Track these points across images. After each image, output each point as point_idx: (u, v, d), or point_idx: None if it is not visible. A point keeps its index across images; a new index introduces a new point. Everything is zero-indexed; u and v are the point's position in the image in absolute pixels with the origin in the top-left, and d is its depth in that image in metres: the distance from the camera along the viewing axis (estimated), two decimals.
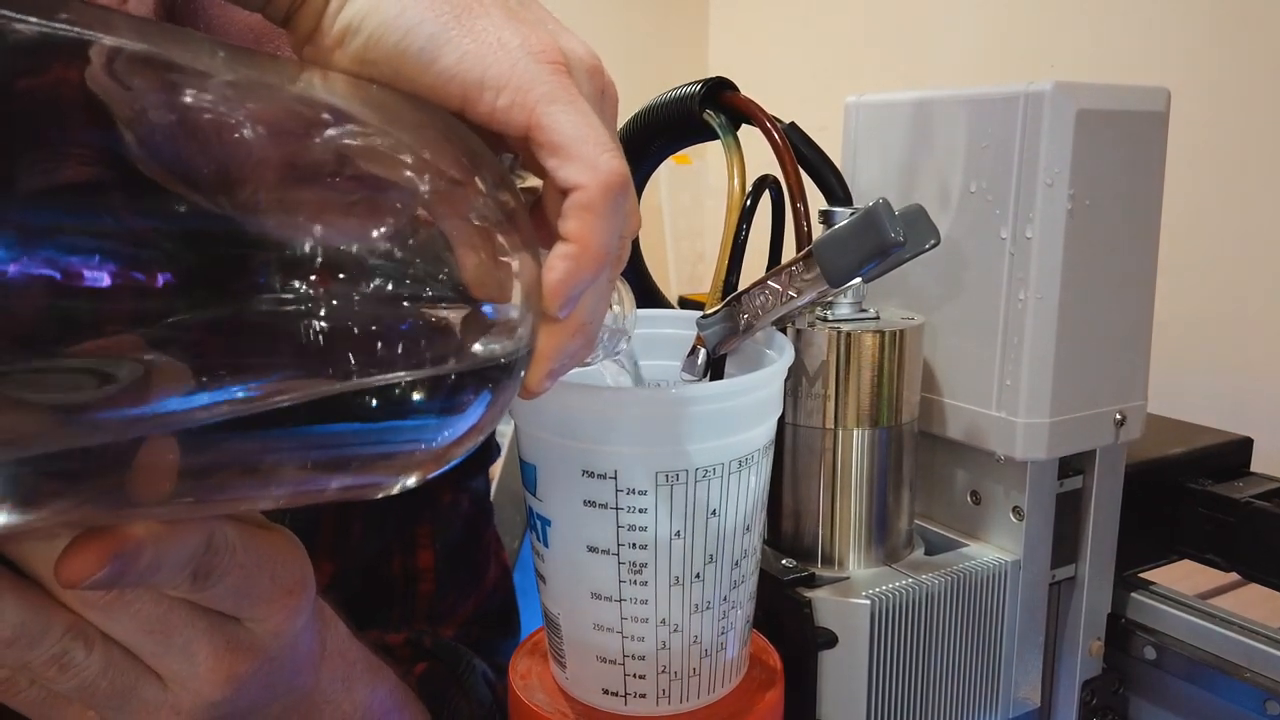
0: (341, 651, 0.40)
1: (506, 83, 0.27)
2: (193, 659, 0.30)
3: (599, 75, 0.31)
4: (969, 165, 0.50)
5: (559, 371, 0.30)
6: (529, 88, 0.27)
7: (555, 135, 0.27)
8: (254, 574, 0.30)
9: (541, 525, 0.40)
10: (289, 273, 0.24)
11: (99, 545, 0.25)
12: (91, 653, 0.28)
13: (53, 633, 0.27)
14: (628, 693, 0.40)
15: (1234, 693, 0.53)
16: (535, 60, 0.28)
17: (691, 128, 0.51)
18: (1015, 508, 0.51)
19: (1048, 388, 0.48)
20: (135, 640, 0.29)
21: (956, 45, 1.86)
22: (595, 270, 0.28)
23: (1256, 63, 1.38)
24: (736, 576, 0.40)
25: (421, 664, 0.54)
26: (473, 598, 0.61)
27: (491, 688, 0.57)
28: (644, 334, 0.47)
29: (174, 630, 0.29)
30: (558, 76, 0.28)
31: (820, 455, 0.49)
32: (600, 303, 0.30)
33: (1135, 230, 0.50)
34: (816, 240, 0.39)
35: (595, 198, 0.27)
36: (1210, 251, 1.42)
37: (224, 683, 0.31)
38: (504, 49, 0.27)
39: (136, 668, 0.30)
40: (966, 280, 0.51)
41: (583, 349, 0.30)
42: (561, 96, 0.28)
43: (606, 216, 0.28)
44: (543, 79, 0.28)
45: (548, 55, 0.28)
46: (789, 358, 0.41)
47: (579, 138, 0.27)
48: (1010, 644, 0.52)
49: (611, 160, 0.28)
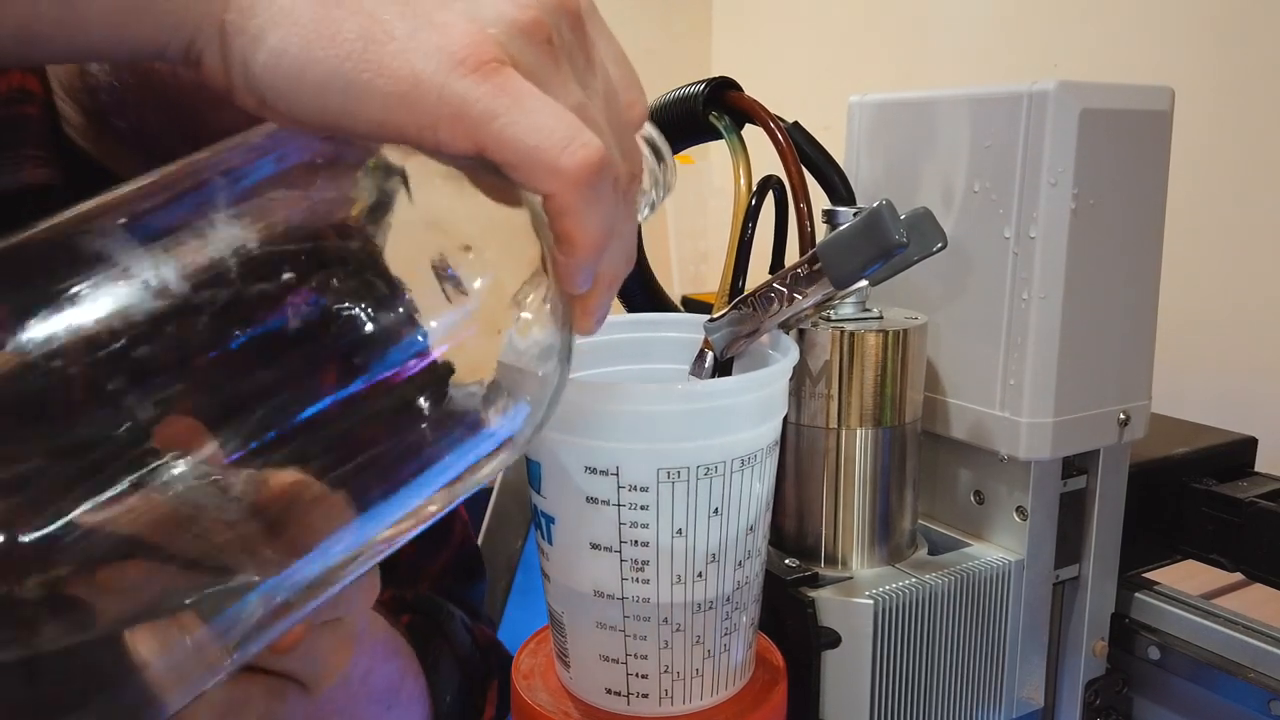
0: None
1: (437, 117, 0.25)
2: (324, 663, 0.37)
3: (538, 28, 0.27)
4: (972, 165, 0.50)
5: (605, 313, 0.31)
6: (460, 114, 0.25)
7: (506, 154, 0.26)
8: (355, 584, 0.31)
9: (546, 522, 0.40)
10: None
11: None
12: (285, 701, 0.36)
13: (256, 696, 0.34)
14: (630, 692, 0.40)
15: (1238, 693, 0.53)
16: (459, 76, 0.25)
17: (695, 128, 0.51)
18: (1019, 507, 0.51)
19: (1051, 387, 0.48)
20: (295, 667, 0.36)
21: (959, 45, 1.86)
22: (595, 255, 0.28)
23: (1261, 62, 1.37)
24: (740, 577, 0.40)
25: (406, 616, 0.59)
26: (442, 554, 0.66)
27: (470, 631, 0.62)
28: (649, 337, 0.47)
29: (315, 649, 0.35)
30: (488, 82, 0.25)
31: (823, 455, 0.49)
32: (622, 259, 0.30)
33: (1139, 230, 0.50)
34: (820, 243, 0.39)
35: (570, 200, 0.26)
36: (1214, 251, 1.42)
37: (341, 670, 0.38)
38: (421, 81, 0.25)
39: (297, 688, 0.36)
40: (970, 280, 0.51)
41: (619, 282, 0.31)
42: (498, 109, 0.25)
43: (588, 209, 0.27)
44: (472, 97, 0.25)
45: (470, 61, 0.25)
46: (793, 357, 0.41)
47: (531, 148, 0.25)
48: (1014, 644, 0.52)
49: (575, 155, 0.26)
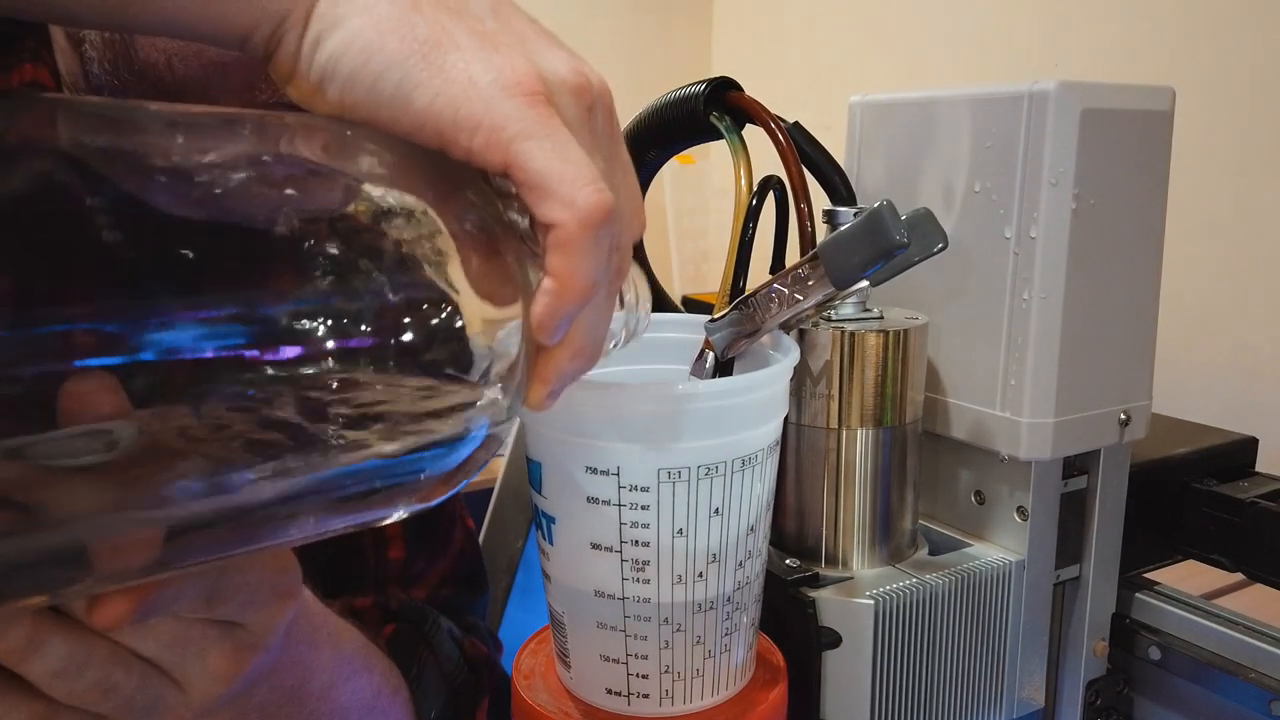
0: (308, 616, 0.43)
1: (479, 123, 0.27)
2: (205, 663, 0.33)
3: (584, 94, 0.29)
4: (973, 165, 0.50)
5: (559, 389, 0.30)
6: (502, 126, 0.27)
7: (530, 174, 0.27)
8: (257, 587, 0.33)
9: (547, 523, 0.40)
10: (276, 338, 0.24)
11: (127, 593, 0.27)
12: (129, 674, 0.31)
13: (95, 660, 0.30)
14: (631, 692, 0.40)
15: (1239, 693, 0.53)
16: (508, 95, 0.27)
17: (696, 128, 0.51)
18: (1020, 508, 0.51)
19: (1052, 387, 0.48)
20: (159, 655, 0.32)
21: (960, 45, 1.86)
22: (579, 302, 0.28)
23: (1262, 62, 1.37)
24: (741, 578, 0.40)
25: (390, 625, 0.57)
26: (441, 561, 0.64)
27: (458, 644, 0.60)
28: (650, 338, 0.47)
29: (190, 641, 0.32)
30: (534, 109, 0.27)
31: (824, 455, 0.49)
32: (598, 323, 0.31)
33: (1140, 230, 0.50)
34: (821, 243, 0.39)
35: (574, 235, 0.27)
36: (1215, 251, 1.42)
37: (230, 679, 0.34)
38: (474, 87, 0.27)
39: (162, 679, 0.33)
40: (970, 280, 0.51)
41: (583, 367, 0.31)
42: (537, 131, 0.27)
43: (586, 252, 0.28)
44: (516, 115, 0.27)
45: (523, 87, 0.27)
46: (794, 358, 0.41)
47: (555, 175, 0.27)
48: (1014, 644, 0.52)
49: (590, 195, 0.27)
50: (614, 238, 0.29)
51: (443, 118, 0.27)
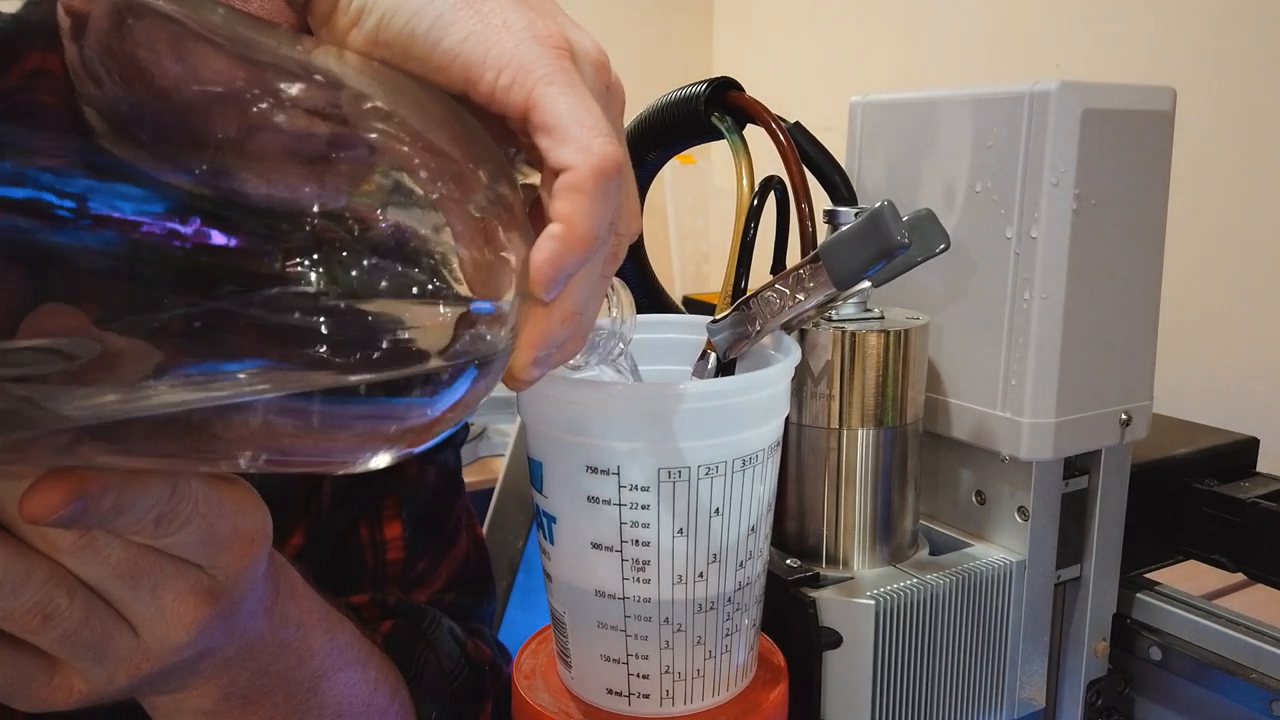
0: (295, 598, 0.42)
1: (508, 62, 0.27)
2: (160, 603, 0.31)
3: (605, 70, 0.31)
4: (974, 165, 0.50)
5: (546, 361, 0.30)
6: (530, 68, 0.28)
7: (550, 115, 0.28)
8: (216, 522, 0.31)
9: (548, 522, 0.40)
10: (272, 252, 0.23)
11: (63, 484, 0.26)
12: (73, 601, 0.30)
13: (35, 579, 0.29)
14: (631, 692, 0.40)
15: (1240, 693, 0.53)
16: (539, 43, 0.28)
17: (697, 128, 0.51)
18: (1020, 508, 0.51)
19: (1053, 388, 0.48)
20: (107, 585, 0.30)
21: (961, 45, 1.86)
22: (582, 253, 0.28)
23: (1263, 63, 1.37)
24: (741, 578, 0.40)
25: (387, 622, 0.56)
26: (444, 567, 0.63)
27: (460, 644, 0.58)
28: (651, 339, 0.47)
29: (142, 574, 0.31)
30: (560, 60, 0.28)
31: (825, 455, 0.49)
32: (593, 295, 0.30)
33: (1141, 230, 0.50)
34: (822, 244, 0.39)
35: (585, 179, 0.27)
36: (1216, 251, 1.42)
37: (189, 626, 0.32)
38: (508, 30, 0.28)
39: (112, 616, 0.31)
40: (971, 280, 0.51)
41: (572, 340, 0.30)
42: (561, 79, 0.28)
43: (596, 199, 0.27)
44: (544, 61, 0.28)
45: (552, 40, 0.28)
46: (795, 358, 0.41)
47: (574, 119, 0.27)
48: (1015, 644, 0.52)
49: (605, 144, 0.27)
50: (619, 205, 0.29)
51: (473, 54, 0.28)
